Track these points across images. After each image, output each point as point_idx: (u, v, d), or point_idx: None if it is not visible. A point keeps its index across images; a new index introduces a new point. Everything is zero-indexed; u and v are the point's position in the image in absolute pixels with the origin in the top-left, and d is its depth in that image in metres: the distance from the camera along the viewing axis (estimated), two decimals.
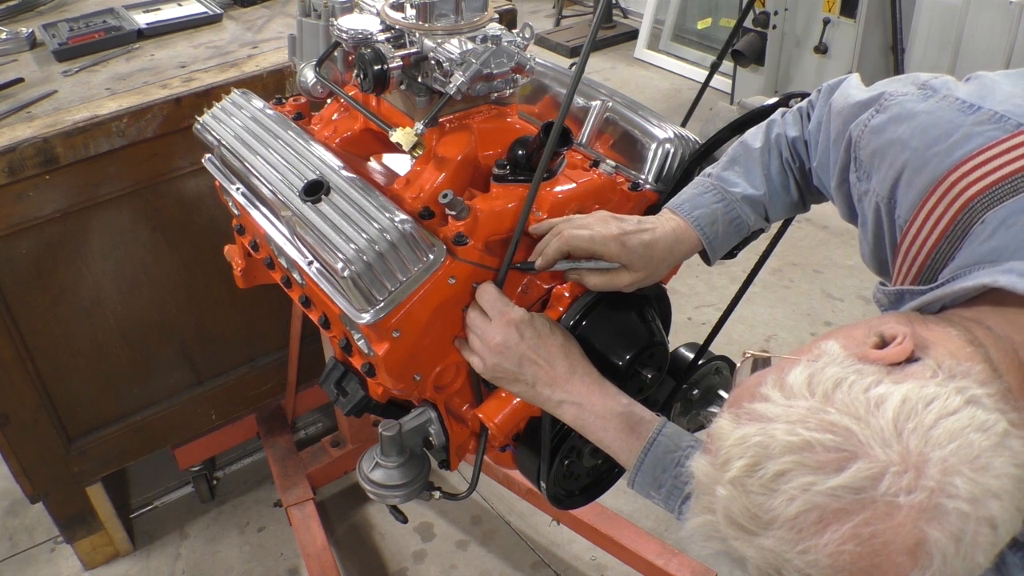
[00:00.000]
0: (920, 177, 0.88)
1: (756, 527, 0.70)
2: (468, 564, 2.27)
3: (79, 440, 2.03)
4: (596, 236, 1.09)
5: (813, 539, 0.67)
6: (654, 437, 1.02)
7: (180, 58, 1.98)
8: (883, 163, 0.93)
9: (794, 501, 0.68)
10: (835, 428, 0.68)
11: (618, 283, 1.12)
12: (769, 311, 3.10)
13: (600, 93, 1.35)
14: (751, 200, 1.17)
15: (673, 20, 5.19)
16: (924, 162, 0.88)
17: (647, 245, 1.11)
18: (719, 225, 1.15)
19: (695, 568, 2.01)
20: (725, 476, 0.72)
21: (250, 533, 2.37)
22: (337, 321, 1.18)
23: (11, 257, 1.74)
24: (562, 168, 1.20)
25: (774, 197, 1.19)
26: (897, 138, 0.91)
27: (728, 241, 1.19)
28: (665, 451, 1.01)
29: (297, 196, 1.11)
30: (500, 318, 1.08)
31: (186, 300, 2.04)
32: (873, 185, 0.95)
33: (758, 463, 0.70)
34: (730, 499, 0.71)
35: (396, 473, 1.17)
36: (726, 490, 0.72)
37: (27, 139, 1.62)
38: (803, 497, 0.67)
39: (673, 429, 1.04)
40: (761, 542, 0.70)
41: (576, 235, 1.10)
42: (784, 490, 0.68)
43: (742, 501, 0.70)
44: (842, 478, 0.66)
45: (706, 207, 1.15)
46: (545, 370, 1.07)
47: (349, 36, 1.19)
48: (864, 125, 0.96)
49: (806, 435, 0.69)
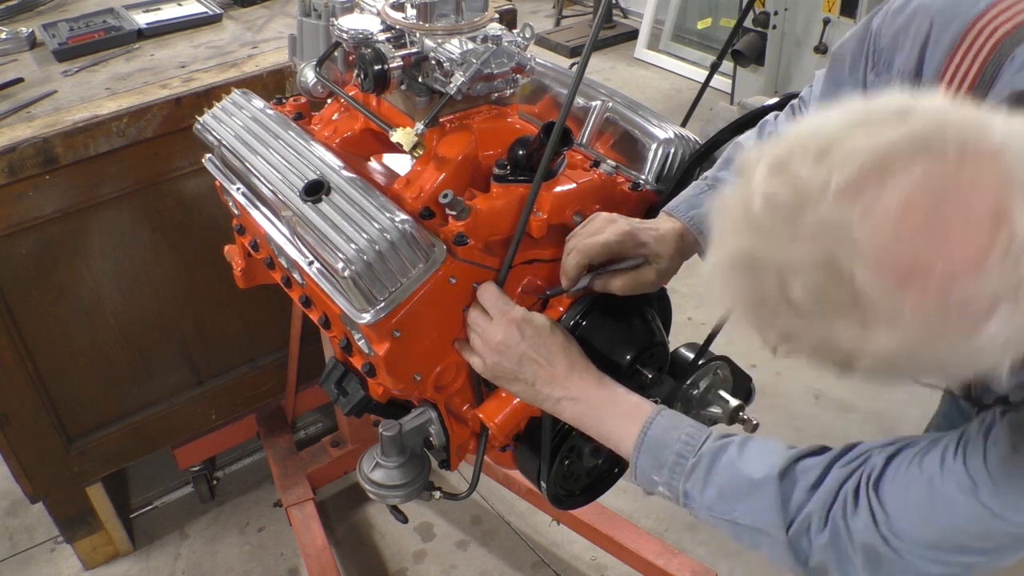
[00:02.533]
0: (947, 33, 0.88)
1: (807, 203, 0.61)
2: (468, 564, 2.27)
3: (79, 440, 2.03)
4: (610, 238, 1.10)
5: (876, 193, 0.59)
6: (653, 417, 1.02)
7: (180, 58, 1.98)
8: (907, 37, 0.93)
9: (851, 160, 0.60)
10: (889, 103, 0.64)
11: (644, 279, 1.13)
12: None
13: (600, 93, 1.35)
14: None
15: (673, 20, 5.19)
16: (951, 17, 0.88)
17: (658, 239, 1.13)
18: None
19: (695, 568, 2.01)
20: (762, 165, 0.65)
21: (250, 533, 2.36)
22: (337, 321, 1.18)
23: (11, 257, 1.74)
24: (563, 168, 1.20)
25: None
26: (920, 5, 0.92)
27: None
28: (665, 429, 1.01)
29: (297, 196, 1.11)
30: (501, 317, 1.08)
31: (186, 300, 2.04)
32: (896, 66, 0.96)
33: (804, 144, 0.64)
34: (772, 184, 0.64)
35: (396, 473, 1.17)
36: (764, 177, 0.64)
37: (27, 139, 1.62)
38: (861, 154, 0.60)
39: (672, 412, 1.04)
40: (811, 222, 0.61)
41: (590, 243, 1.10)
42: (838, 154, 0.61)
43: (788, 180, 0.63)
44: (905, 128, 0.60)
45: (701, 207, 1.16)
46: (545, 368, 1.07)
47: (349, 36, 1.19)
48: (886, 12, 0.97)
49: (860, 108, 0.64)
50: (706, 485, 0.96)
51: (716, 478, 0.96)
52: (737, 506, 0.95)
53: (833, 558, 0.89)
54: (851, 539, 0.87)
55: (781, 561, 0.94)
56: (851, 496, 0.88)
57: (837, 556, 0.88)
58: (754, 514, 0.94)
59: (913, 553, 0.84)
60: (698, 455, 0.97)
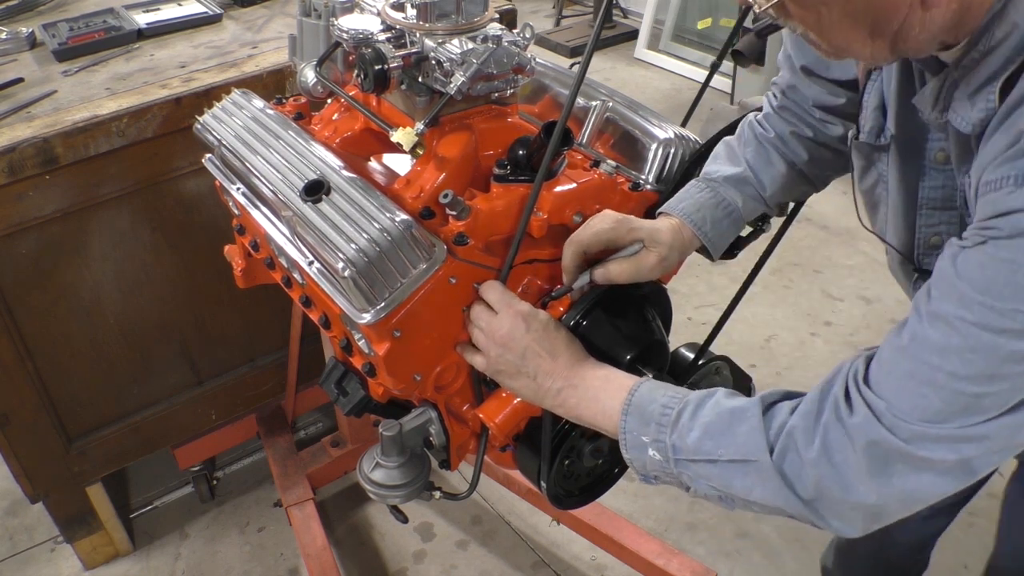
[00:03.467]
0: None
1: None
2: (468, 564, 2.27)
3: (79, 440, 2.03)
4: (601, 226, 1.13)
5: None
6: (641, 383, 1.01)
7: (180, 58, 1.98)
8: None
9: None
10: None
11: (645, 264, 1.14)
12: (769, 311, 3.10)
13: (600, 93, 1.35)
14: (734, 180, 1.23)
15: (673, 20, 5.19)
16: None
17: (653, 228, 1.16)
18: (706, 211, 1.20)
19: (695, 568, 2.01)
20: None
21: (250, 533, 2.37)
22: (337, 321, 1.18)
23: (11, 257, 1.74)
24: (563, 168, 1.20)
25: (760, 172, 1.23)
26: None
27: (722, 227, 1.22)
28: (651, 389, 0.99)
29: (298, 196, 1.11)
30: (507, 309, 1.09)
31: (186, 300, 2.04)
32: None
33: None
34: None
35: (396, 473, 1.17)
36: None
37: (27, 139, 1.62)
38: None
39: (662, 381, 1.02)
40: None
41: (582, 233, 1.13)
42: None
43: None
44: None
45: (691, 199, 1.21)
46: (547, 362, 1.07)
47: (349, 36, 1.19)
48: None
49: None
50: (691, 428, 0.92)
51: (701, 418, 0.92)
52: (721, 441, 0.90)
53: (829, 473, 0.84)
54: (852, 442, 0.82)
55: (773, 496, 0.88)
56: (842, 400, 0.84)
57: (833, 469, 0.83)
58: (737, 443, 0.89)
59: (924, 438, 0.79)
60: (684, 403, 0.95)
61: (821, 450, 0.84)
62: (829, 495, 0.85)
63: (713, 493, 0.93)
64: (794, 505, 0.87)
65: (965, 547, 2.25)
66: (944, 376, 0.78)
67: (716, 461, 0.91)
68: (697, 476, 0.93)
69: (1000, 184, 0.77)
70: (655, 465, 0.96)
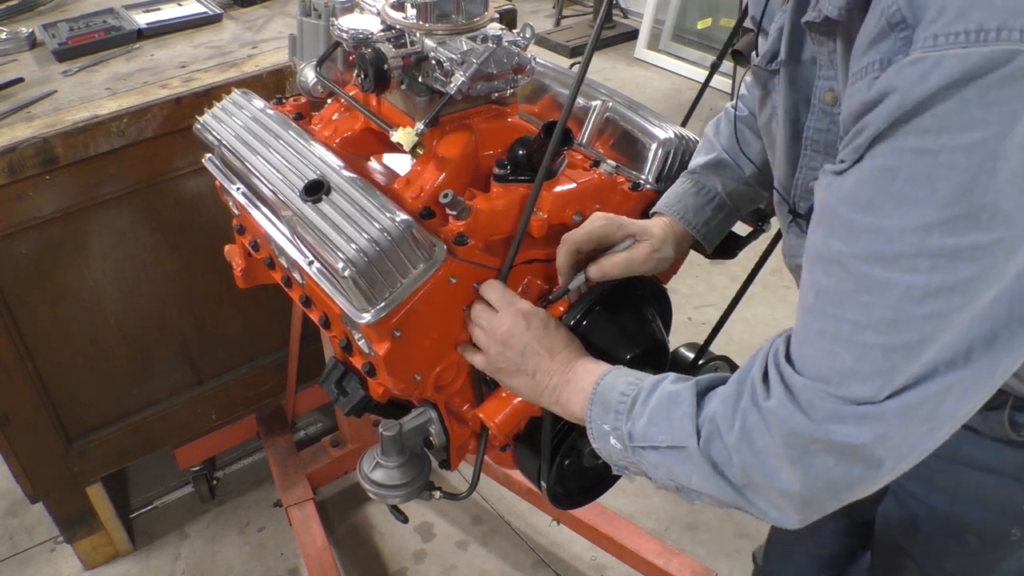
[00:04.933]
0: None
1: None
2: (468, 564, 2.27)
3: (79, 440, 2.03)
4: (592, 223, 1.14)
5: None
6: (609, 370, 0.99)
7: (180, 58, 1.98)
8: None
9: None
10: None
11: (638, 256, 1.15)
12: (769, 311, 3.10)
13: (600, 93, 1.35)
14: (710, 166, 1.24)
15: (673, 20, 5.19)
16: None
17: (644, 224, 1.18)
18: (687, 200, 1.22)
19: (695, 568, 2.01)
20: None
21: (250, 533, 2.37)
22: (337, 321, 1.18)
23: (11, 257, 1.74)
24: (563, 168, 1.21)
25: (735, 154, 1.23)
26: None
27: (707, 215, 1.23)
28: (616, 377, 0.98)
29: (298, 196, 1.11)
30: (508, 307, 1.09)
31: (186, 300, 2.04)
32: None
33: None
34: None
35: (396, 473, 1.17)
36: None
37: (27, 139, 1.62)
38: None
39: (632, 369, 1.01)
40: None
41: (573, 233, 1.15)
42: None
43: None
44: None
45: (672, 192, 1.23)
46: (546, 359, 1.06)
47: (349, 36, 1.19)
48: None
49: None
50: (641, 415, 0.90)
51: (649, 404, 0.90)
52: (662, 427, 0.87)
53: (752, 460, 0.79)
54: (769, 428, 0.77)
55: (707, 483, 0.84)
56: (759, 383, 0.79)
57: (755, 455, 0.78)
58: (673, 428, 0.86)
59: (841, 418, 0.72)
60: (639, 389, 0.93)
61: (741, 436, 0.79)
62: (756, 482, 0.80)
63: (669, 483, 0.91)
64: (728, 493, 0.83)
65: None
66: (849, 328, 0.70)
67: (658, 448, 0.88)
68: (650, 465, 0.91)
69: (863, 73, 0.68)
70: (619, 454, 0.95)
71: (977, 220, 0.63)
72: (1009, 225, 0.63)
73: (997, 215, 0.62)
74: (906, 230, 0.65)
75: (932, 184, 0.63)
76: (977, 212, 0.62)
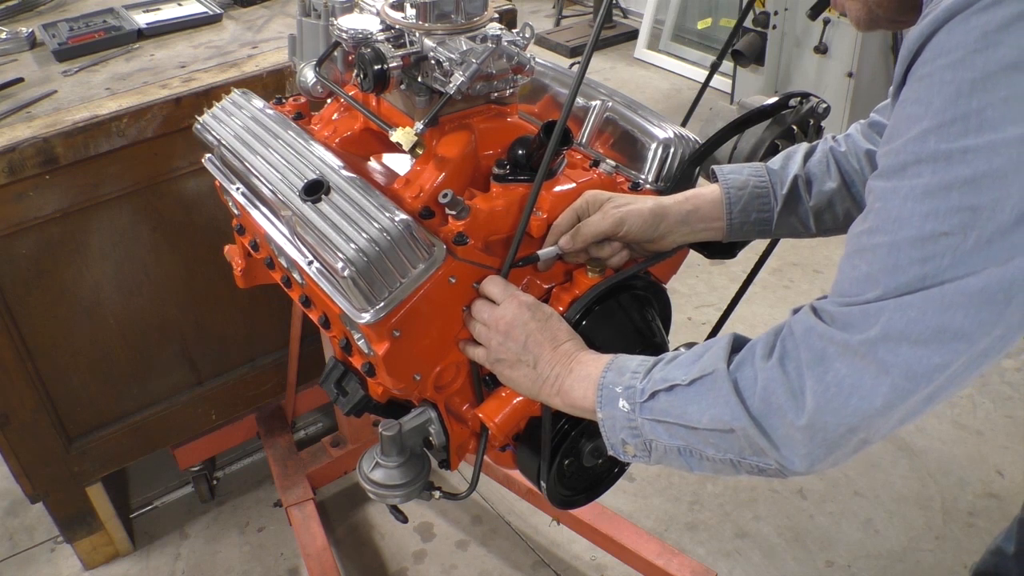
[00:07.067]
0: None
1: None
2: (468, 564, 2.27)
3: (79, 440, 2.03)
4: (574, 203, 1.17)
5: None
6: (620, 356, 1.03)
7: (180, 58, 1.98)
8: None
9: None
10: None
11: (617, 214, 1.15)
12: (769, 311, 3.10)
13: (600, 93, 1.35)
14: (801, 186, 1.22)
15: (673, 20, 5.19)
16: None
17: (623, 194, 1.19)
18: (747, 191, 1.21)
19: (695, 568, 2.01)
20: None
21: (250, 533, 2.37)
22: (337, 321, 1.18)
23: (11, 257, 1.74)
24: (562, 168, 1.21)
25: (815, 180, 1.22)
26: None
27: (749, 216, 1.21)
28: (634, 356, 1.01)
29: (297, 196, 1.11)
30: (511, 300, 1.09)
31: (186, 300, 2.04)
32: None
33: None
34: None
35: (396, 473, 1.17)
36: None
37: (27, 139, 1.62)
38: None
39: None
40: None
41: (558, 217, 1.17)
42: None
43: None
44: None
45: (739, 173, 1.22)
46: (548, 349, 1.07)
47: (349, 36, 1.20)
48: None
49: None
50: (663, 369, 0.95)
51: (677, 358, 0.95)
52: (687, 367, 0.92)
53: (777, 377, 0.83)
54: (798, 345, 0.82)
55: (722, 410, 0.87)
56: (799, 315, 0.85)
57: (784, 374, 0.83)
58: (701, 362, 0.91)
59: (859, 318, 0.78)
60: (664, 356, 0.98)
61: (777, 360, 0.84)
62: (775, 404, 0.84)
63: (671, 442, 0.93)
64: (742, 421, 0.86)
65: (965, 547, 2.25)
66: (865, 238, 0.79)
67: (675, 387, 0.92)
68: (655, 421, 0.94)
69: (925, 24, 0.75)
70: (623, 419, 0.97)
71: (966, 125, 0.71)
72: (996, 131, 0.70)
73: (985, 122, 0.71)
74: (908, 141, 0.75)
75: (928, 99, 0.74)
76: (964, 118, 0.71)
